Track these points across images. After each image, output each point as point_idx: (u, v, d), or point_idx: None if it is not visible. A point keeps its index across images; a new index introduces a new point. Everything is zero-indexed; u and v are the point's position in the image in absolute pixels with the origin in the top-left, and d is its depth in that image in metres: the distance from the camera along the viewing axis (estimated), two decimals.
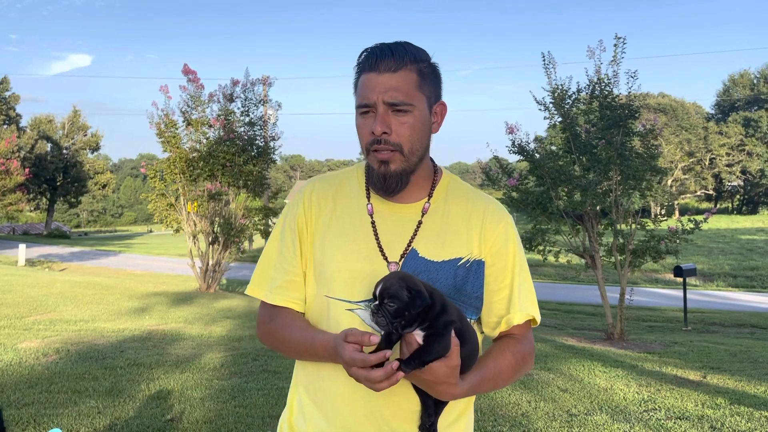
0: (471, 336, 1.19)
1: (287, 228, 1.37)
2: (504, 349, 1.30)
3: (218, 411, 4.35)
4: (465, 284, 1.29)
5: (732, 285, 19.82)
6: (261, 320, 1.39)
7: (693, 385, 5.54)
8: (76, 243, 40.03)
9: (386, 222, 1.31)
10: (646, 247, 8.68)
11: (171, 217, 13.30)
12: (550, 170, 8.65)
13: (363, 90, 1.24)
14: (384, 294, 1.07)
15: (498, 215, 1.35)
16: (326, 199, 1.36)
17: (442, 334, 1.08)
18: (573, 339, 8.92)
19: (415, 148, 1.26)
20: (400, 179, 1.27)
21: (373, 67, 1.24)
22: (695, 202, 62.56)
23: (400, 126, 1.23)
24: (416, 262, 1.28)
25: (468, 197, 1.37)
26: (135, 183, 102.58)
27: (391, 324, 1.07)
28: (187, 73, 12.75)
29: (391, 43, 1.27)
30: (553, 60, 8.73)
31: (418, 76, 1.25)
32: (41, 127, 49.61)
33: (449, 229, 1.32)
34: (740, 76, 66.60)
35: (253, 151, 13.26)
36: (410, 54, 1.25)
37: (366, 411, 1.25)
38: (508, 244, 1.35)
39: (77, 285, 13.49)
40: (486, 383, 1.23)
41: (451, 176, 1.41)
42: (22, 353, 6.11)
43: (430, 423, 1.22)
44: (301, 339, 1.28)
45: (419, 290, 1.08)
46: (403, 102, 1.22)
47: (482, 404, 4.64)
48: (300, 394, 1.37)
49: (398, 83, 1.23)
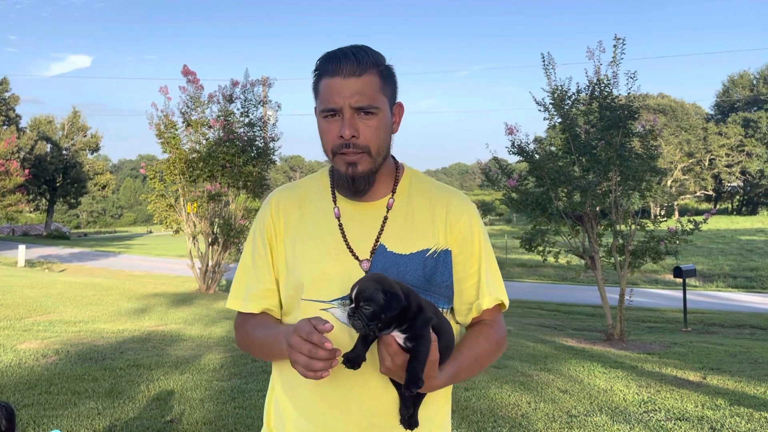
0: (447, 329, 1.21)
1: (258, 239, 1.40)
2: (477, 335, 1.33)
3: (218, 412, 4.35)
4: (434, 274, 1.32)
5: (732, 286, 19.82)
6: (237, 326, 1.43)
7: (693, 386, 5.54)
8: (76, 244, 40.02)
9: (354, 222, 1.34)
10: (646, 248, 8.68)
11: (171, 218, 13.30)
12: (550, 171, 8.65)
13: (328, 94, 1.26)
14: (360, 297, 1.08)
15: (461, 205, 1.38)
16: (292, 206, 1.39)
17: (423, 336, 1.10)
18: (573, 340, 8.91)
19: (381, 149, 1.30)
20: (368, 180, 1.30)
21: (337, 72, 1.25)
22: (695, 203, 62.56)
23: (367, 129, 1.26)
24: (385, 257, 1.31)
25: (431, 190, 1.40)
26: (135, 184, 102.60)
27: (367, 327, 1.08)
28: (186, 74, 12.76)
29: (352, 47, 1.29)
30: (553, 61, 8.74)
31: (381, 79, 1.28)
32: (41, 128, 49.61)
33: (414, 222, 1.35)
34: (740, 76, 66.65)
35: (252, 151, 13.27)
36: (372, 58, 1.28)
37: (345, 407, 1.27)
38: (473, 232, 1.37)
39: (77, 286, 13.49)
40: (463, 371, 1.26)
41: (413, 172, 1.44)
42: (21, 354, 6.11)
43: (410, 415, 1.24)
44: (266, 335, 1.31)
45: (395, 293, 1.09)
46: (369, 105, 1.25)
47: (482, 405, 4.64)
48: (277, 395, 1.40)
49: (363, 87, 1.25)
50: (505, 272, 24.28)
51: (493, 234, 42.99)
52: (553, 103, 8.88)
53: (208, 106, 12.99)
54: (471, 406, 4.61)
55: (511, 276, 23.51)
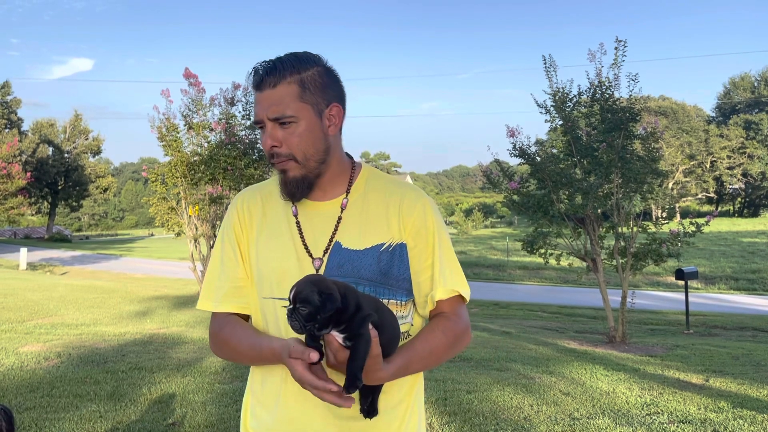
0: (390, 323, 1.23)
1: (226, 239, 1.43)
2: (433, 328, 1.34)
3: (220, 415, 4.34)
4: (390, 268, 1.34)
5: (734, 288, 19.78)
6: (212, 332, 1.42)
7: (695, 388, 5.52)
8: (78, 247, 40.04)
9: (311, 221, 1.38)
10: (648, 250, 8.67)
11: (172, 221, 13.31)
12: (551, 173, 8.64)
13: (254, 107, 1.32)
14: (296, 298, 1.11)
15: (415, 198, 1.39)
16: (256, 206, 1.43)
17: (361, 334, 1.12)
18: (575, 342, 8.90)
19: (309, 154, 1.32)
20: (300, 185, 1.33)
21: (257, 86, 1.31)
22: (696, 205, 62.45)
23: (289, 137, 1.30)
24: (340, 254, 1.34)
25: (386, 187, 1.42)
26: (136, 187, 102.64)
27: (304, 327, 1.11)
28: (188, 77, 12.77)
29: (271, 59, 1.32)
30: (554, 63, 8.75)
31: (299, 87, 1.30)
32: (43, 131, 49.65)
33: (369, 218, 1.37)
34: (741, 78, 66.58)
35: (254, 154, 13.27)
36: (289, 67, 1.30)
37: (309, 398, 1.28)
38: (427, 224, 1.38)
39: (78, 289, 13.50)
40: (415, 363, 1.28)
41: (370, 170, 1.46)
42: (23, 357, 6.11)
43: (368, 404, 1.28)
44: (249, 347, 1.33)
45: (330, 294, 1.11)
46: (284, 115, 1.29)
47: (484, 408, 4.63)
48: (252, 392, 1.43)
49: (278, 98, 1.29)
50: (507, 275, 24.27)
51: (494, 236, 42.98)
52: (554, 106, 8.88)
53: (209, 109, 12.99)
54: (473, 408, 4.61)
55: (513, 278, 23.50)
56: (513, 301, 16.46)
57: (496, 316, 13.40)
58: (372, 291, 1.32)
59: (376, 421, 1.30)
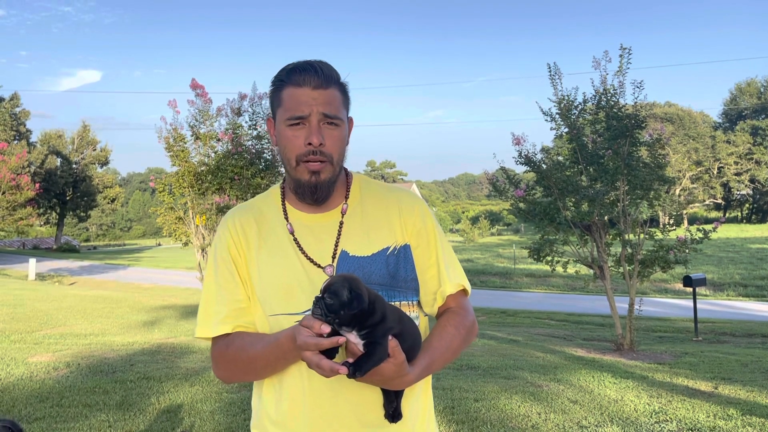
0: (411, 331, 1.24)
1: (220, 262, 1.39)
2: (445, 325, 1.37)
3: (228, 424, 4.36)
4: (398, 270, 1.37)
5: (742, 294, 19.65)
6: (218, 355, 1.36)
7: (704, 396, 5.49)
8: (86, 257, 40.22)
9: (311, 233, 1.38)
10: (655, 257, 8.65)
11: (179, 231, 13.35)
12: (557, 181, 8.65)
13: (294, 103, 1.30)
14: (327, 289, 1.13)
15: (411, 201, 1.45)
16: (249, 225, 1.41)
17: (380, 343, 1.14)
18: (582, 350, 8.87)
19: (340, 159, 1.36)
20: (329, 188, 1.35)
21: (304, 83, 1.30)
22: (704, 212, 62.22)
23: (331, 138, 1.32)
24: (349, 262, 1.35)
25: (381, 192, 1.46)
26: (144, 197, 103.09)
27: (325, 317, 1.12)
28: (195, 88, 12.86)
29: (316, 62, 1.34)
30: (559, 71, 8.77)
31: (341, 94, 1.35)
32: (51, 142, 50.01)
33: (370, 224, 1.40)
34: (747, 84, 66.46)
35: (261, 164, 13.31)
36: (335, 73, 1.35)
37: (334, 402, 1.29)
38: (426, 224, 1.43)
39: (87, 299, 13.56)
40: (437, 362, 1.30)
41: (362, 177, 1.50)
42: (33, 367, 6.14)
43: (393, 408, 1.30)
44: (265, 344, 1.28)
45: (359, 293, 1.12)
46: (336, 116, 1.31)
47: (492, 416, 4.62)
48: (266, 417, 1.37)
49: (331, 98, 1.31)
50: (514, 282, 24.20)
51: (501, 244, 42.90)
52: (559, 113, 8.90)
53: (216, 119, 13.07)
54: (481, 417, 4.60)
55: (520, 286, 23.42)
56: (520, 309, 16.40)
57: (504, 324, 13.36)
58: (384, 294, 1.30)
59: (401, 426, 1.33)
